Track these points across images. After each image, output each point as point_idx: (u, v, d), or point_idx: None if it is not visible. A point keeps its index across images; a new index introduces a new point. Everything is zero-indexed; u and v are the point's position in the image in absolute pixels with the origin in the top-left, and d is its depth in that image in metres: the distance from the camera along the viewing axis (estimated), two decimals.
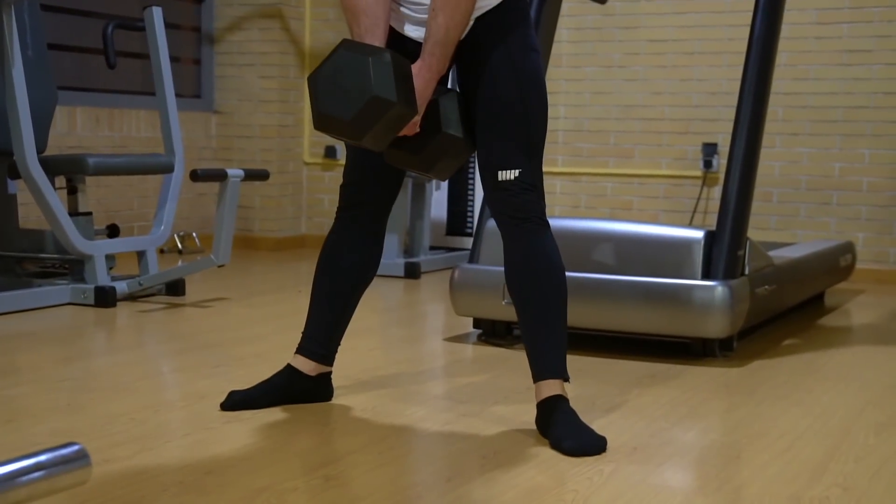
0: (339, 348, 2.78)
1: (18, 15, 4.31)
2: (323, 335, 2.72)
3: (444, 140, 2.46)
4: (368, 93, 2.27)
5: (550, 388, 2.48)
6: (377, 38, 2.44)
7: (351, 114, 2.29)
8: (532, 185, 2.48)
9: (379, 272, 5.47)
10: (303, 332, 2.74)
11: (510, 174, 2.46)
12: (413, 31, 2.51)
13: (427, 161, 2.48)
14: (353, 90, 2.28)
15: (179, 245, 6.34)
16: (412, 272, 5.44)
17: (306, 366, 2.72)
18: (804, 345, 3.80)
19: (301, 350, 2.73)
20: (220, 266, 4.37)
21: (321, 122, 2.35)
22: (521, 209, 2.48)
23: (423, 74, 2.40)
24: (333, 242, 2.68)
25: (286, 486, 2.10)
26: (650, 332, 3.51)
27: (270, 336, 3.69)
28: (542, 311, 2.49)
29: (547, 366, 2.49)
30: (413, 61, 2.44)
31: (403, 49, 2.48)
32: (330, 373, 2.78)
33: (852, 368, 3.40)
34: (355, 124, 2.30)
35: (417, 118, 2.42)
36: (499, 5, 2.47)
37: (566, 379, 2.50)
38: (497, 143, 2.47)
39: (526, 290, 2.50)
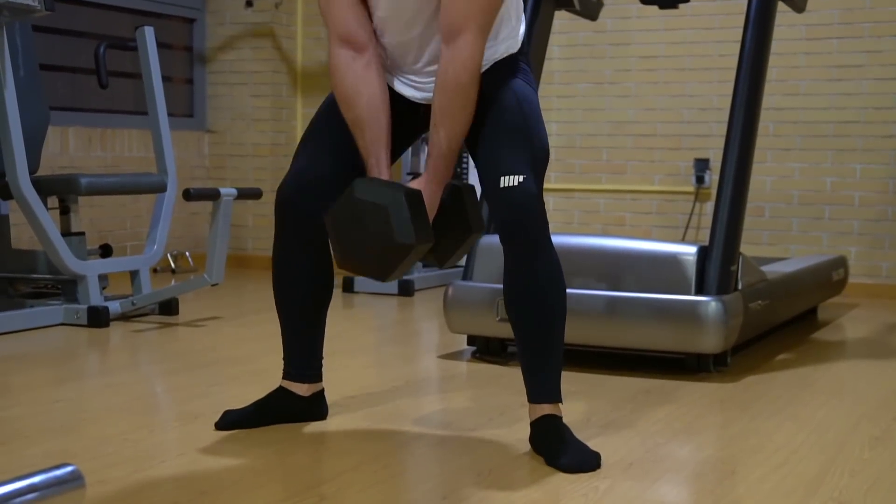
0: (333, 367, 2.78)
1: (10, 35, 4.31)
2: (304, 357, 2.70)
3: (456, 237, 2.54)
4: (389, 242, 2.34)
5: (545, 408, 2.48)
6: (382, 151, 2.47)
7: (374, 262, 2.38)
8: (535, 195, 2.41)
9: (373, 290, 5.48)
10: (284, 359, 2.73)
11: (513, 180, 2.40)
12: (407, 91, 2.55)
13: (440, 257, 2.56)
14: (373, 238, 2.36)
15: (172, 264, 6.34)
16: (406, 290, 5.44)
17: (299, 388, 2.72)
18: (798, 359, 3.81)
19: (287, 376, 2.72)
20: (213, 285, 4.37)
21: (344, 265, 2.43)
22: (524, 217, 2.39)
23: (430, 186, 2.45)
24: (282, 265, 2.63)
25: None
26: (644, 348, 3.51)
27: (264, 355, 3.69)
28: (540, 334, 2.45)
29: (542, 389, 2.47)
30: (405, 115, 2.52)
31: (395, 106, 2.52)
32: (323, 390, 2.77)
33: (846, 382, 3.40)
34: (379, 269, 2.39)
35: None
36: (502, 59, 2.51)
37: (561, 401, 2.50)
38: (500, 152, 2.44)
39: (525, 313, 2.44)
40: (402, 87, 2.55)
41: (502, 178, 2.40)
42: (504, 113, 2.46)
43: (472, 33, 2.36)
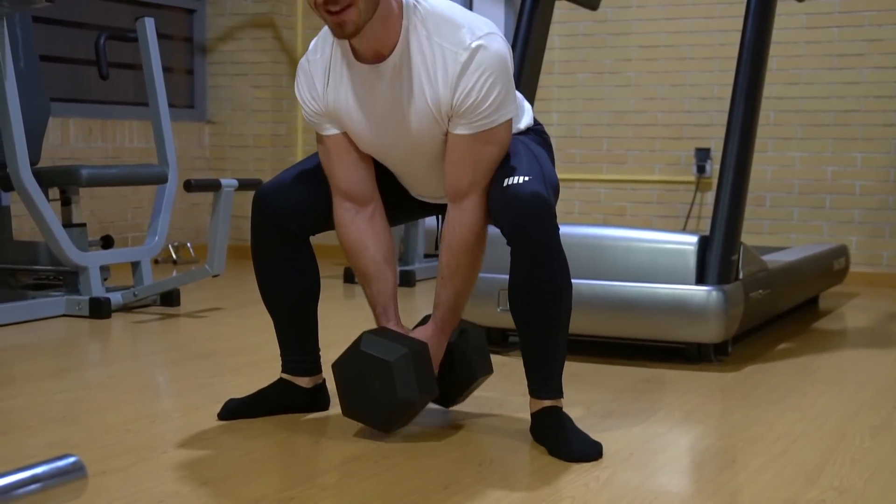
0: (334, 357, 2.77)
1: (10, 26, 4.31)
2: (301, 351, 2.70)
3: (462, 382, 2.64)
4: (394, 399, 2.41)
5: (546, 402, 2.48)
6: (389, 301, 2.53)
7: (378, 415, 2.45)
8: (545, 195, 2.34)
9: None
10: (281, 355, 2.73)
11: (519, 178, 2.35)
12: (414, 195, 2.62)
13: (446, 399, 2.67)
14: (379, 394, 2.42)
15: (174, 255, 6.34)
16: (407, 280, 5.44)
17: (300, 381, 2.72)
18: (799, 348, 3.81)
19: (287, 370, 2.72)
20: (214, 276, 4.37)
21: (348, 415, 2.50)
22: (533, 217, 2.32)
23: (436, 337, 2.52)
24: (262, 265, 2.62)
25: (283, 495, 2.09)
26: (644, 338, 3.51)
27: (265, 345, 3.69)
28: (545, 333, 2.43)
29: (543, 386, 2.46)
30: (404, 198, 2.60)
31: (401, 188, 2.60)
32: (324, 381, 2.77)
33: (847, 371, 3.41)
34: (382, 422, 2.47)
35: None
36: (523, 130, 2.55)
37: (562, 396, 2.50)
38: (506, 163, 2.40)
39: (529, 310, 2.42)
40: (416, 195, 2.63)
41: (506, 179, 2.36)
42: (513, 148, 2.46)
43: (478, 195, 2.40)
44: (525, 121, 2.58)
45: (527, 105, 2.62)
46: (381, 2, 2.29)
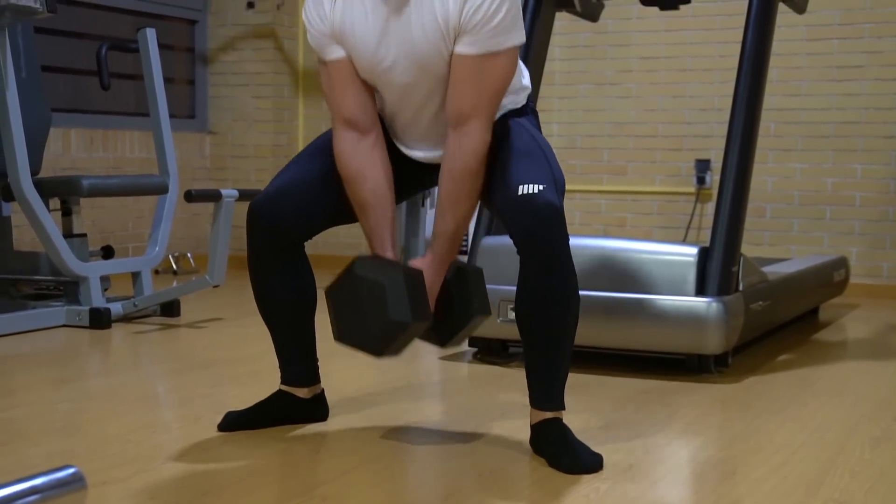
0: (334, 368, 2.79)
1: (12, 37, 4.32)
2: (299, 361, 2.70)
3: (458, 320, 2.55)
4: (386, 319, 2.35)
5: (547, 413, 2.47)
6: (386, 233, 2.47)
7: (370, 338, 2.39)
8: (558, 206, 2.34)
9: None
10: (280, 366, 2.73)
11: (532, 188, 2.34)
12: (414, 154, 2.57)
13: (442, 338, 2.57)
14: (370, 315, 2.37)
15: (174, 266, 6.34)
16: None
17: (299, 391, 2.72)
18: (799, 360, 3.81)
19: (286, 381, 2.72)
20: (214, 286, 4.38)
21: (341, 340, 2.45)
22: (547, 229, 2.32)
23: (433, 268, 2.45)
24: (258, 276, 2.62)
25: None
26: (644, 349, 3.51)
27: (265, 355, 3.69)
28: (551, 345, 2.42)
29: (546, 397, 2.45)
30: (408, 169, 2.54)
31: (399, 161, 2.54)
32: (323, 391, 2.77)
33: (847, 383, 3.41)
34: (375, 346, 2.40)
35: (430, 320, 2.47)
36: (511, 110, 2.52)
37: (564, 408, 2.49)
38: (517, 167, 2.39)
39: (537, 322, 2.41)
40: (408, 151, 2.57)
41: (520, 187, 2.35)
42: (517, 143, 2.45)
43: (480, 121, 2.37)
44: (525, 82, 2.57)
45: (525, 71, 2.60)
46: None
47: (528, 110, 2.58)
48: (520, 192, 2.34)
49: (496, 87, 2.38)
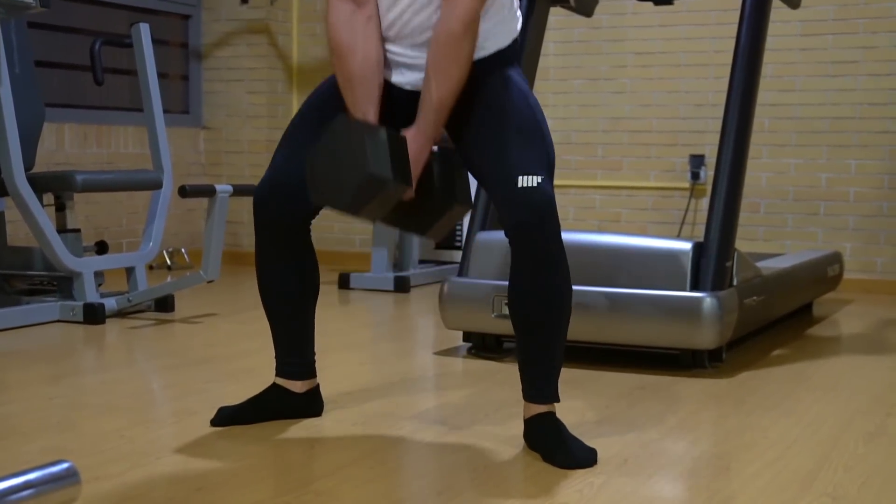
0: (329, 363, 2.78)
1: (5, 32, 4.31)
2: (296, 354, 2.70)
3: (440, 204, 2.47)
4: (364, 172, 2.28)
5: (541, 407, 2.48)
6: (371, 107, 2.42)
7: (348, 193, 2.32)
8: (553, 199, 2.35)
9: (369, 286, 5.48)
10: (276, 357, 2.73)
11: (532, 180, 2.33)
12: (400, 77, 2.49)
13: (422, 225, 2.49)
14: (350, 169, 2.30)
15: (168, 261, 6.33)
16: (402, 286, 5.44)
17: (293, 385, 2.72)
18: (793, 355, 3.81)
19: (281, 373, 2.72)
20: (209, 282, 4.37)
21: (318, 198, 2.38)
22: (543, 223, 2.33)
23: (417, 140, 2.39)
24: (264, 265, 2.63)
25: (277, 501, 2.09)
26: (639, 344, 3.52)
27: (260, 351, 3.69)
28: (544, 337, 2.43)
29: (540, 390, 2.46)
30: (397, 108, 2.46)
31: (388, 96, 2.48)
32: (318, 386, 2.77)
33: (841, 378, 3.41)
34: (352, 202, 2.33)
35: (411, 189, 2.41)
36: (494, 53, 2.47)
37: (558, 401, 2.50)
38: (515, 150, 2.37)
39: (531, 316, 2.41)
40: (396, 75, 2.49)
41: (520, 178, 2.33)
42: (515, 112, 2.42)
43: None
44: (517, 25, 2.53)
45: (518, 23, 2.56)
46: None
47: (515, 57, 2.51)
48: (519, 185, 2.33)
49: None
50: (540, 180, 2.34)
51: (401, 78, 2.49)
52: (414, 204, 2.45)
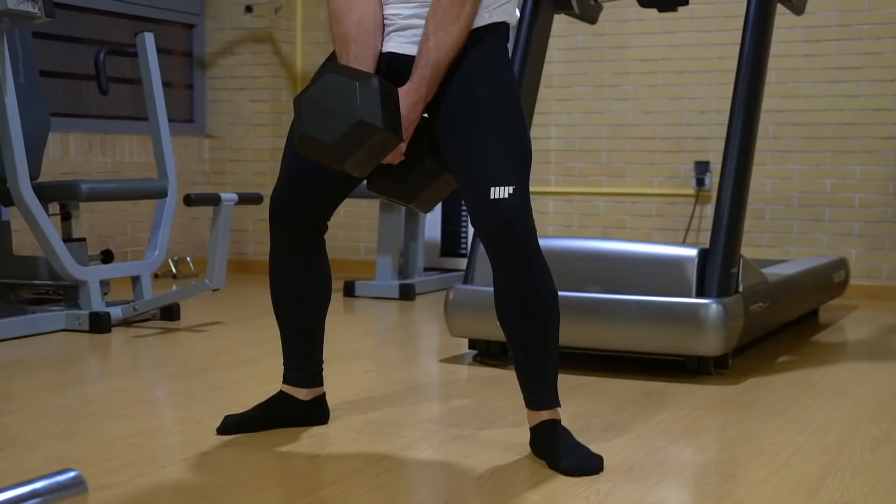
0: (334, 371, 2.78)
1: (10, 42, 4.32)
2: (303, 361, 2.70)
3: (430, 170, 2.43)
4: (353, 117, 2.24)
5: (544, 414, 2.47)
6: (366, 66, 2.40)
7: (335, 137, 2.26)
8: (524, 206, 2.35)
9: (374, 294, 5.48)
10: (283, 364, 2.73)
11: (503, 191, 2.32)
12: (394, 43, 2.44)
13: (410, 191, 2.44)
14: (339, 114, 2.25)
15: (174, 269, 6.34)
16: (407, 294, 5.44)
17: (299, 393, 2.72)
18: (799, 361, 3.81)
19: (288, 381, 2.72)
20: (214, 290, 4.37)
21: (304, 145, 2.32)
22: (513, 233, 2.34)
23: (410, 97, 2.36)
24: (277, 270, 2.63)
25: None
26: (644, 351, 3.51)
27: (265, 359, 3.69)
28: (534, 341, 2.43)
29: (539, 396, 2.46)
30: (395, 78, 2.41)
31: (386, 67, 2.44)
32: (324, 394, 2.77)
33: (847, 384, 3.41)
34: (339, 148, 2.27)
35: (402, 146, 2.39)
36: (483, 26, 2.43)
37: (559, 405, 2.50)
38: (487, 152, 2.35)
39: (516, 321, 2.42)
40: (393, 42, 2.44)
41: (492, 189, 2.32)
42: (486, 101, 2.37)
43: None
44: (511, 8, 2.49)
45: (515, 6, 2.52)
46: None
47: (503, 45, 2.47)
48: (491, 196, 2.32)
49: None
50: (511, 190, 2.32)
51: (397, 44, 2.44)
52: (402, 169, 2.40)
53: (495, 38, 2.45)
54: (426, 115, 2.44)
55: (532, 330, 2.42)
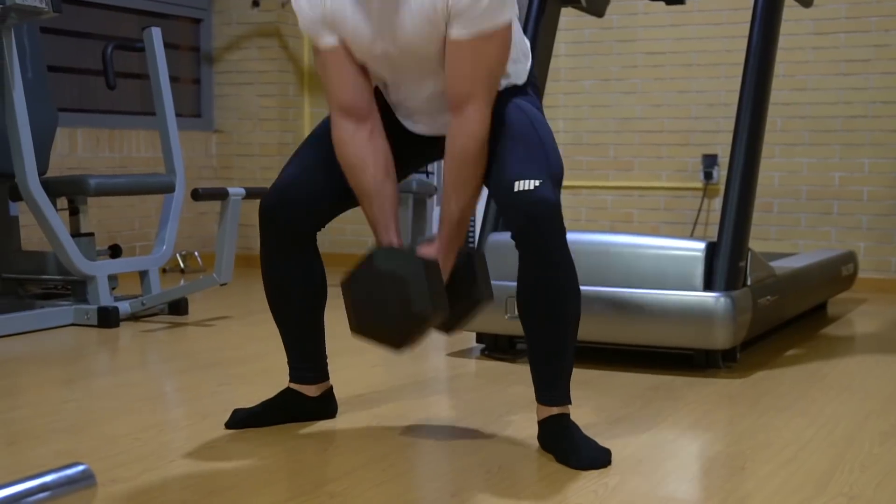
0: (341, 366, 2.79)
1: (18, 37, 4.33)
2: (307, 359, 2.70)
3: (464, 305, 2.53)
4: (406, 313, 2.34)
5: (553, 409, 2.47)
6: (390, 223, 2.46)
7: (391, 332, 2.37)
8: (553, 201, 2.32)
9: None
10: (288, 363, 2.73)
11: (528, 184, 2.32)
12: (416, 128, 2.56)
13: (446, 325, 2.55)
14: (391, 309, 2.35)
15: (181, 264, 6.35)
16: None
17: (307, 389, 2.72)
18: (807, 355, 3.80)
19: (294, 379, 2.72)
20: (222, 284, 4.38)
21: (359, 334, 2.42)
22: (542, 225, 2.31)
23: (444, 256, 2.44)
24: (271, 273, 2.62)
25: (291, 503, 2.09)
26: (652, 345, 3.51)
27: (273, 354, 3.69)
28: (554, 340, 2.42)
29: (551, 392, 2.45)
30: (407, 140, 2.54)
31: (397, 131, 2.54)
32: (331, 388, 2.77)
33: (855, 378, 3.40)
34: (394, 340, 2.39)
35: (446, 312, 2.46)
36: (509, 87, 2.48)
37: (570, 403, 2.49)
38: (512, 157, 2.37)
39: (539, 321, 2.41)
40: (411, 126, 2.56)
41: (516, 183, 2.33)
42: (515, 128, 2.42)
43: (479, 101, 2.35)
44: (525, 48, 2.53)
45: (525, 41, 2.56)
46: None
47: (530, 87, 2.54)
48: (516, 189, 2.33)
49: (492, 67, 2.37)
50: (538, 183, 2.32)
51: (421, 130, 2.57)
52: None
53: (519, 93, 2.50)
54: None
55: (552, 328, 2.41)
